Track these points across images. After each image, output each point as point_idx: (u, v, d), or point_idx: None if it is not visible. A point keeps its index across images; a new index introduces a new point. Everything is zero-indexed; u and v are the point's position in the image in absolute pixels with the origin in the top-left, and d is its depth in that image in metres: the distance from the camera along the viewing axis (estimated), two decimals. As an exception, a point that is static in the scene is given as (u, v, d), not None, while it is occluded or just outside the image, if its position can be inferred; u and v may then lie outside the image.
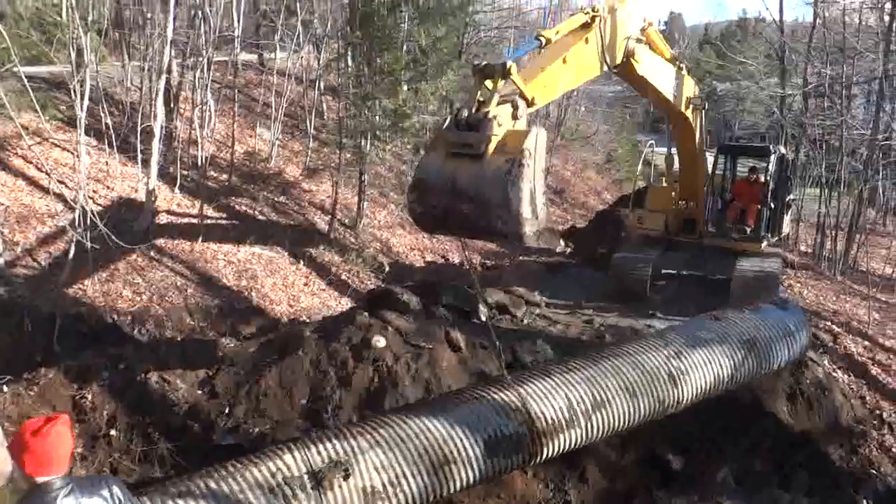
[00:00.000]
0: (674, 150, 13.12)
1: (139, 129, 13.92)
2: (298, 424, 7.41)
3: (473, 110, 6.40)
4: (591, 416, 6.46)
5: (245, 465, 5.34)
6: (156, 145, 12.90)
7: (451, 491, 5.67)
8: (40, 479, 3.22)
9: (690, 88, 11.58)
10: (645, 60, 9.45)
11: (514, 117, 6.55)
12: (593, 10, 8.00)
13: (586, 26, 7.92)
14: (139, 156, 13.95)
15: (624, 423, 6.72)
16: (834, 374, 10.34)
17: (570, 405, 6.38)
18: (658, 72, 10.15)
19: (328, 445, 5.51)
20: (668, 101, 10.84)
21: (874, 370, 11.13)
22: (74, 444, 3.41)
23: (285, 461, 5.34)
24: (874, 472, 8.85)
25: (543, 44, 7.33)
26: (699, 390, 7.22)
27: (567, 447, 6.37)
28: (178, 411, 7.51)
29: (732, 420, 8.73)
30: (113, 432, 6.97)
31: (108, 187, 13.86)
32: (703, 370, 7.26)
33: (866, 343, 12.34)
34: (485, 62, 6.64)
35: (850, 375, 10.75)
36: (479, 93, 6.54)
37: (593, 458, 7.38)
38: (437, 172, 6.42)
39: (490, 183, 6.06)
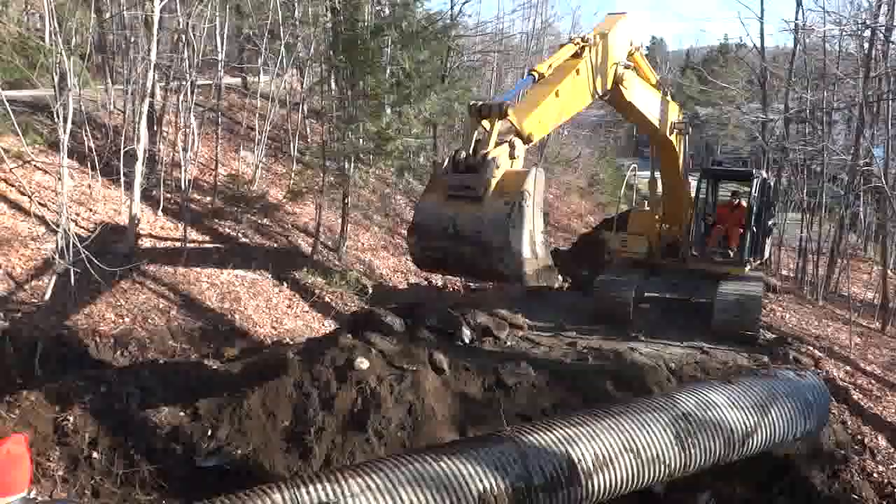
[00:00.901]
0: (657, 175, 13.26)
1: (122, 152, 13.88)
2: (281, 447, 7.37)
3: (471, 151, 6.45)
4: (592, 475, 6.21)
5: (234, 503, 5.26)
6: (139, 168, 12.87)
7: None
8: None
9: (675, 113, 11.75)
10: (633, 86, 9.58)
11: (512, 157, 6.62)
12: (583, 41, 8.12)
13: (576, 56, 8.03)
14: (122, 179, 13.91)
15: (627, 485, 6.43)
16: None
17: (571, 462, 6.15)
18: (645, 97, 10.29)
19: (318, 487, 5.44)
20: (653, 126, 10.98)
21: (855, 395, 11.20)
22: (31, 463, 3.29)
23: (274, 500, 5.27)
24: (855, 497, 8.87)
25: (537, 79, 7.42)
26: (707, 455, 6.87)
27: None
28: (161, 433, 7.45)
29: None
30: (95, 454, 6.90)
31: (90, 210, 13.79)
32: (712, 435, 6.90)
33: (847, 368, 12.43)
34: (481, 102, 6.72)
35: (831, 400, 10.80)
36: (475, 133, 6.60)
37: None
38: (436, 215, 6.48)
39: (491, 226, 6.12)
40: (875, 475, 9.32)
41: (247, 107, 23.19)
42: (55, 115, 10.87)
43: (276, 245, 15.86)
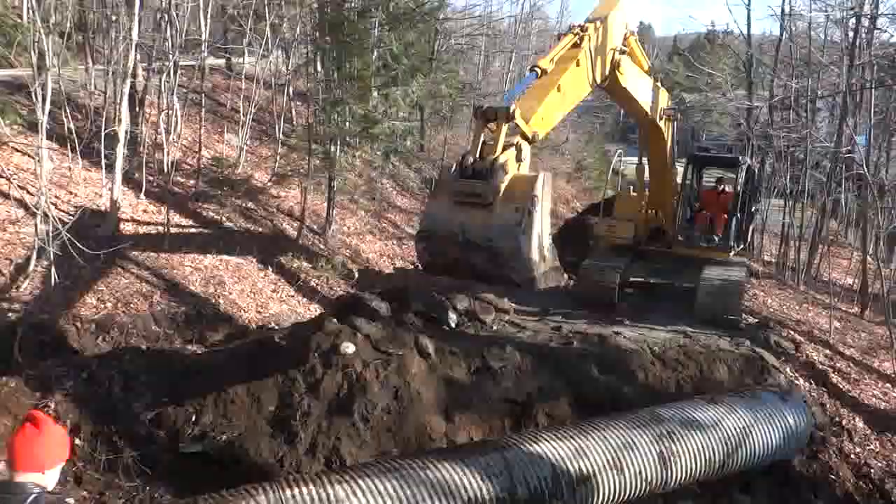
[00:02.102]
0: (645, 160, 13.30)
1: (103, 133, 13.68)
2: (267, 432, 7.34)
3: (478, 156, 6.41)
4: (575, 489, 6.26)
5: (217, 503, 5.24)
6: (120, 150, 12.69)
7: None
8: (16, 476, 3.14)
9: (665, 99, 11.79)
10: (628, 72, 9.59)
11: (519, 160, 6.64)
12: (581, 30, 8.08)
13: (576, 46, 7.98)
14: (103, 161, 13.71)
15: (608, 500, 6.50)
16: (796, 382, 10.52)
17: (555, 475, 6.19)
18: (638, 83, 10.30)
19: (304, 490, 5.42)
20: (644, 111, 10.99)
21: (834, 378, 11.35)
22: (51, 449, 3.27)
23: (258, 501, 5.25)
24: (833, 477, 9.02)
25: (539, 74, 7.37)
26: (688, 473, 6.97)
27: None
28: (144, 419, 7.40)
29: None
30: (77, 441, 6.84)
31: (70, 193, 13.61)
32: (695, 454, 6.98)
33: (827, 352, 12.59)
34: (486, 105, 6.72)
35: (811, 383, 10.95)
36: (482, 137, 6.57)
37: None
38: (445, 222, 6.49)
39: (501, 235, 6.16)
40: (852, 456, 9.48)
41: (231, 88, 22.95)
42: (34, 96, 10.69)
43: (260, 229, 15.75)
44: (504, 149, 6.46)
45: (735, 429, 7.34)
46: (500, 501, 5.87)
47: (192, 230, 14.45)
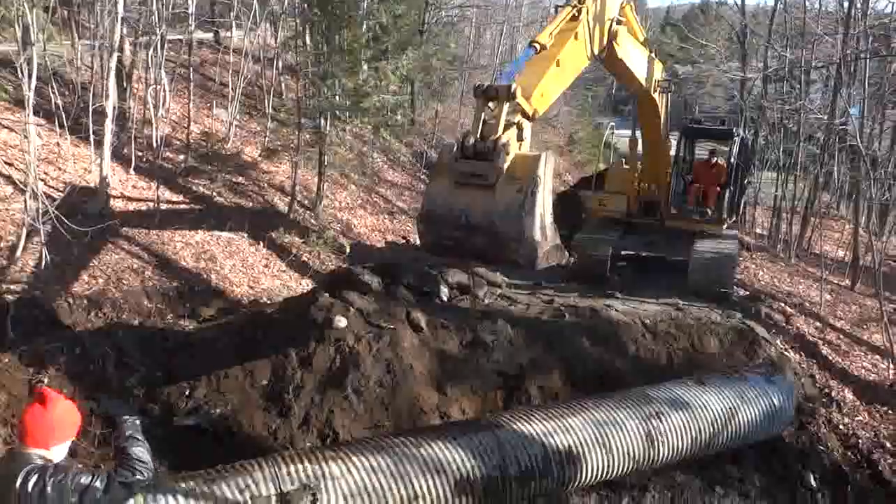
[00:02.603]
0: (638, 133, 13.26)
1: (91, 109, 13.52)
2: (260, 405, 7.37)
3: (479, 136, 6.35)
4: (565, 467, 6.34)
5: (214, 479, 5.27)
6: (108, 126, 12.56)
7: None
8: (24, 448, 3.33)
9: (659, 71, 11.73)
10: (624, 43, 9.54)
11: (520, 139, 6.61)
12: (579, 2, 7.99)
13: (574, 19, 7.91)
14: (91, 137, 13.57)
15: (595, 476, 6.58)
16: (786, 354, 10.62)
17: (546, 454, 6.27)
18: (634, 55, 10.24)
19: (299, 467, 5.46)
20: (639, 83, 10.93)
21: (824, 350, 11.45)
22: (56, 427, 3.38)
23: (254, 478, 5.28)
24: (821, 448, 9.13)
25: (538, 50, 7.29)
26: (675, 453, 7.04)
27: (537, 494, 6.23)
28: (137, 394, 7.42)
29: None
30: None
31: (59, 169, 13.49)
32: (681, 434, 7.06)
33: (817, 324, 12.69)
34: (487, 84, 6.67)
35: (801, 355, 11.04)
36: (482, 116, 6.52)
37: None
38: (446, 204, 6.48)
39: (504, 217, 6.17)
40: (841, 427, 9.60)
41: (219, 62, 22.68)
42: (19, 71, 10.54)
43: (251, 204, 15.68)
44: (505, 128, 6.43)
45: (721, 410, 7.40)
46: (492, 479, 5.94)
47: (183, 206, 14.38)
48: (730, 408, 7.48)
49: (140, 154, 15.10)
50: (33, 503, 3.18)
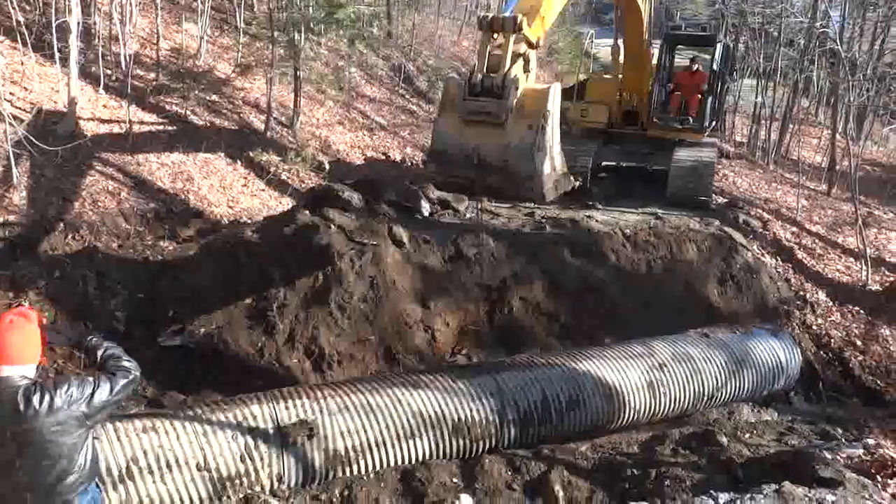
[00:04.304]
0: (620, 41, 13.01)
1: (54, 25, 12.96)
2: (245, 324, 7.43)
3: (486, 70, 6.25)
4: (565, 414, 6.39)
5: (213, 410, 5.34)
6: (73, 42, 12.06)
7: (413, 462, 5.73)
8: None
9: None
10: None
11: (527, 70, 6.52)
12: None
13: None
14: (57, 55, 13.06)
15: (596, 423, 6.63)
16: (762, 259, 10.80)
17: (546, 400, 6.32)
18: None
19: (297, 402, 5.54)
20: None
21: (800, 254, 11.66)
22: (34, 343, 3.29)
23: (252, 412, 5.36)
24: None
25: None
26: (676, 405, 7.08)
27: (536, 440, 6.27)
28: (121, 316, 7.44)
29: (667, 301, 9.13)
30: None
31: (25, 89, 13.02)
32: (684, 388, 7.09)
33: (794, 229, 12.88)
34: (491, 15, 6.46)
35: (777, 259, 11.24)
36: (487, 49, 6.37)
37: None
38: (456, 143, 6.41)
39: (517, 156, 6.15)
40: (814, 327, 9.89)
41: (185, -26, 21.71)
42: (-25, -14, 10.05)
43: (226, 123, 15.33)
44: (512, 61, 6.29)
45: (725, 365, 7.42)
46: (490, 423, 6.03)
47: (156, 125, 14.02)
48: (734, 363, 7.50)
49: (109, 72, 14.60)
50: (40, 420, 3.11)
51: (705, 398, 7.30)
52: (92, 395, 3.24)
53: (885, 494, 5.47)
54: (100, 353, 3.51)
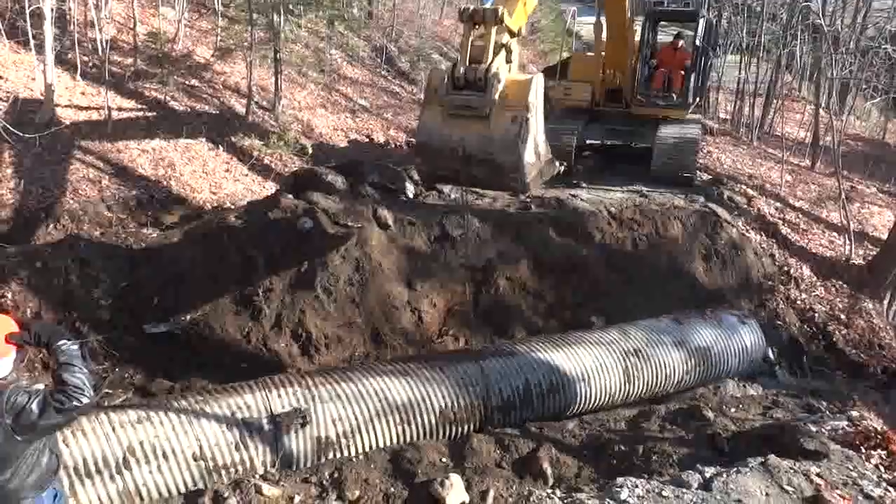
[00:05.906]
0: (602, 18, 12.92)
1: (28, 11, 12.74)
2: (231, 309, 7.40)
3: (468, 63, 6.24)
4: (545, 399, 6.57)
5: (206, 399, 5.36)
6: (48, 28, 11.85)
7: (406, 442, 5.83)
8: None
9: None
10: None
11: (509, 60, 6.51)
12: None
13: None
14: (31, 41, 12.85)
15: (575, 408, 6.81)
16: (747, 235, 10.85)
17: (528, 386, 6.49)
18: None
19: (289, 390, 5.58)
20: None
21: (784, 230, 11.71)
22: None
23: (245, 401, 5.38)
24: (779, 322, 9.50)
25: None
26: (648, 388, 7.27)
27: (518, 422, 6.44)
28: (105, 304, 7.37)
29: (652, 278, 9.16)
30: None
31: (0, 77, 12.84)
32: (656, 370, 7.29)
33: (778, 204, 12.92)
34: (472, 7, 6.39)
35: (761, 235, 11.29)
36: (469, 41, 6.35)
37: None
38: (441, 136, 6.43)
39: (502, 149, 6.19)
40: (798, 302, 9.97)
41: (161, -43, 21.36)
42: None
43: (207, 107, 15.16)
44: (495, 53, 6.25)
45: (695, 350, 7.63)
46: (475, 409, 6.18)
47: (135, 112, 13.85)
48: (703, 349, 7.71)
49: (86, 59, 14.39)
50: None
51: (673, 382, 7.47)
52: (20, 410, 3.08)
53: (868, 465, 5.55)
54: (58, 370, 3.24)
